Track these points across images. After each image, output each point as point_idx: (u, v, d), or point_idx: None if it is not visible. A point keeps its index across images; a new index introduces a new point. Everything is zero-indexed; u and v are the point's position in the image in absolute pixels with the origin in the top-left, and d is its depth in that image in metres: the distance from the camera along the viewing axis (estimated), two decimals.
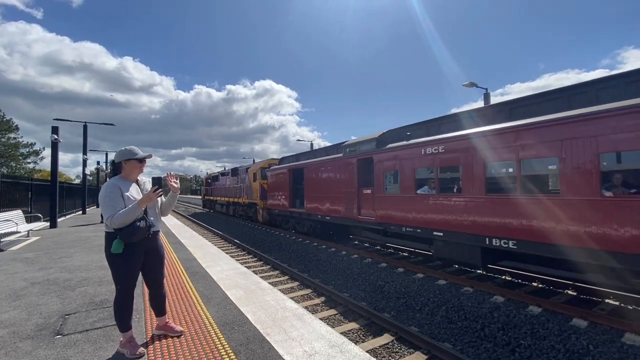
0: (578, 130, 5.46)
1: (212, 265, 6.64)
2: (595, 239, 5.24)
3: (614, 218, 5.05)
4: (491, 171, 6.81)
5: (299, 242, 13.85)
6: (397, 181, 9.19)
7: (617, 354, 4.56)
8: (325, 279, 9.27)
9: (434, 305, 6.78)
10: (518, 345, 5.18)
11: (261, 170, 19.59)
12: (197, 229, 19.97)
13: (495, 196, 6.68)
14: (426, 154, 8.15)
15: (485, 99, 13.42)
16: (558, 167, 5.76)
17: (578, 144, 5.45)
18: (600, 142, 5.19)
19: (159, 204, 3.28)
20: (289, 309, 4.24)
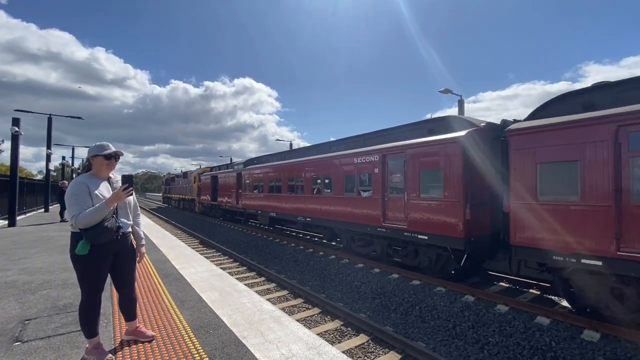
0: (329, 163, 11.56)
1: (186, 267, 6.45)
2: (349, 217, 10.43)
3: (357, 205, 10.08)
4: (290, 182, 14.07)
5: (276, 242, 13.75)
6: (248, 186, 18.44)
7: (577, 349, 4.86)
8: (303, 280, 9.25)
9: (408, 305, 6.93)
10: (487, 342, 5.40)
11: (198, 176, 28.59)
12: (170, 229, 19.34)
13: (292, 195, 13.85)
14: (261, 173, 16.73)
15: (459, 106, 13.94)
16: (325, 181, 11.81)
17: (342, 170, 10.86)
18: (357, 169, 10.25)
19: (132, 203, 3.13)
20: (266, 311, 4.19)
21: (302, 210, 12.84)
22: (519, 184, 6.15)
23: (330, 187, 11.33)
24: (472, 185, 7.10)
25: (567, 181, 5.57)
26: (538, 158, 5.90)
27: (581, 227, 5.32)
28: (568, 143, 5.55)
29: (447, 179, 7.34)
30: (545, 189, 5.82)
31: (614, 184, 5.01)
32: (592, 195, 5.23)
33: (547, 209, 5.75)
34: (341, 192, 10.68)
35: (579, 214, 5.37)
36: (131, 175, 2.83)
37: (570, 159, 5.52)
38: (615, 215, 4.97)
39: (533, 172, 5.94)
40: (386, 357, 4.92)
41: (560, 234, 5.55)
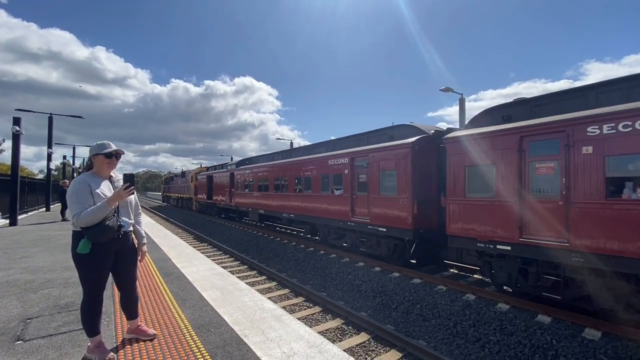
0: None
1: (187, 266, 6.46)
2: (325, 213, 11.56)
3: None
4: (276, 182, 15.25)
5: (277, 241, 13.76)
6: (240, 185, 19.76)
7: (578, 348, 4.86)
8: (303, 278, 9.26)
9: (409, 304, 6.94)
10: (488, 341, 5.40)
11: (195, 175, 29.73)
12: (171, 228, 19.37)
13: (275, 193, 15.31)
14: (251, 173, 17.97)
15: (460, 104, 13.90)
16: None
17: (320, 171, 12.11)
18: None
19: (133, 202, 3.13)
20: (267, 310, 4.19)
21: (286, 208, 14.06)
22: (453, 183, 7.28)
23: (309, 186, 12.52)
24: (420, 184, 8.32)
25: (487, 181, 6.71)
26: (466, 162, 7.04)
27: (496, 219, 6.51)
28: (487, 150, 6.70)
29: (399, 179, 8.61)
30: (472, 187, 6.98)
31: (517, 183, 6.15)
32: (503, 192, 6.41)
33: (472, 204, 6.93)
34: (319, 191, 11.96)
35: (494, 208, 6.56)
36: (132, 174, 2.83)
37: (489, 163, 6.68)
38: (518, 209, 6.14)
39: (463, 174, 7.11)
40: (387, 355, 4.92)
41: (482, 224, 6.75)
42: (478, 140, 6.88)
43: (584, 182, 5.38)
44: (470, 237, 6.93)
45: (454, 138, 7.35)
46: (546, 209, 5.82)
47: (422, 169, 8.37)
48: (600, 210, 5.15)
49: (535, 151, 6.07)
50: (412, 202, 8.19)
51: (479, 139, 6.87)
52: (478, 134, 6.92)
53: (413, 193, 8.23)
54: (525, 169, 6.17)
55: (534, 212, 5.99)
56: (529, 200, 6.06)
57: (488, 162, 6.69)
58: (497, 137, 6.56)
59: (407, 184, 8.36)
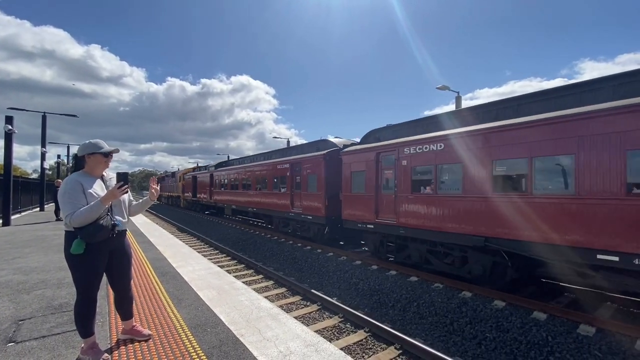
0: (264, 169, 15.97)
1: (183, 265, 6.42)
2: (275, 207, 14.44)
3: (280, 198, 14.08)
4: (243, 182, 18.25)
5: (274, 240, 13.73)
6: (217, 184, 22.59)
7: (573, 344, 4.90)
8: (301, 277, 9.24)
9: (406, 302, 6.95)
10: (484, 338, 5.43)
11: (182, 175, 32.69)
12: (167, 227, 19.27)
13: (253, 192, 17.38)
14: (226, 174, 20.85)
15: (457, 102, 13.93)
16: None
17: (272, 174, 15.09)
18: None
19: (126, 201, 3.09)
20: (264, 309, 4.17)
21: (251, 203, 17.16)
22: (345, 183, 10.56)
23: (265, 186, 15.60)
24: (330, 184, 11.27)
25: (361, 182, 9.87)
26: (352, 169, 10.29)
27: (365, 208, 9.67)
28: (361, 160, 9.89)
29: (317, 180, 11.74)
30: (354, 186, 10.22)
31: (376, 184, 9.37)
32: (369, 190, 9.61)
33: (354, 197, 10.18)
34: (271, 189, 14.98)
35: (364, 200, 9.75)
36: (126, 173, 2.79)
37: (362, 170, 9.87)
38: (375, 200, 9.37)
39: (350, 177, 10.38)
40: (384, 353, 4.93)
41: (359, 211, 9.95)
42: (357, 154, 10.09)
43: (403, 182, 8.50)
44: (354, 220, 10.17)
45: (346, 151, 10.54)
46: (387, 200, 9.00)
47: (331, 173, 11.32)
48: (410, 200, 8.28)
49: (384, 162, 9.20)
50: (325, 197, 11.29)
51: (358, 153, 10.08)
52: (358, 149, 10.14)
53: (325, 190, 11.30)
54: (380, 174, 9.31)
55: (382, 202, 9.20)
56: (380, 195, 9.28)
57: (362, 169, 9.84)
58: (366, 152, 9.72)
59: (321, 184, 11.50)
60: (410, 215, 8.20)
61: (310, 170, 12.07)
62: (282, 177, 13.98)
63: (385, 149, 9.05)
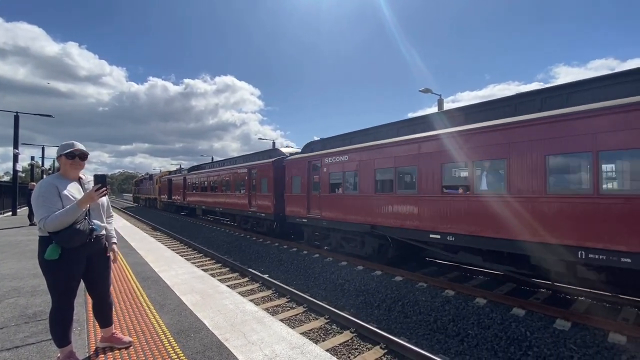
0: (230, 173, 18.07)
1: (166, 270, 6.28)
2: (237, 206, 16.82)
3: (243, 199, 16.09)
4: (212, 184, 20.51)
5: (259, 242, 13.62)
6: (190, 187, 24.53)
7: (550, 338, 5.08)
8: (287, 279, 9.20)
9: (391, 301, 7.03)
10: (466, 335, 5.55)
11: (159, 178, 34.26)
12: (149, 231, 18.79)
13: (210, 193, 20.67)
14: (197, 177, 22.96)
15: (439, 105, 14.24)
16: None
17: (234, 177, 17.47)
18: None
19: (105, 204, 2.99)
20: (249, 312, 4.14)
21: (218, 204, 19.15)
22: (288, 185, 12.65)
23: (229, 188, 17.75)
24: (277, 186, 13.34)
25: (299, 185, 12.06)
26: (292, 174, 12.46)
27: (301, 205, 11.84)
28: (298, 167, 12.15)
29: (268, 183, 13.87)
30: (294, 188, 12.34)
31: (307, 186, 11.56)
32: (303, 191, 11.78)
33: (294, 197, 12.28)
34: (234, 191, 17.12)
35: (300, 199, 11.92)
36: (104, 175, 2.71)
37: (299, 175, 12.09)
38: (307, 199, 11.52)
39: (291, 180, 12.52)
40: (370, 352, 4.96)
41: (297, 208, 12.10)
42: (296, 161, 12.39)
43: (325, 185, 10.77)
44: (294, 215, 12.34)
45: (288, 159, 12.88)
46: (315, 199, 11.22)
47: (278, 177, 13.35)
48: (329, 199, 10.59)
49: (313, 169, 11.44)
50: (274, 197, 13.32)
51: (296, 160, 12.34)
52: (296, 158, 12.47)
53: (274, 192, 13.37)
54: (310, 178, 11.56)
55: (312, 201, 11.40)
56: (311, 195, 11.45)
57: (299, 174, 12.10)
58: (301, 160, 12.04)
59: (270, 186, 13.60)
60: (329, 211, 10.54)
61: (262, 175, 14.36)
62: (242, 180, 16.20)
63: (313, 158, 11.44)
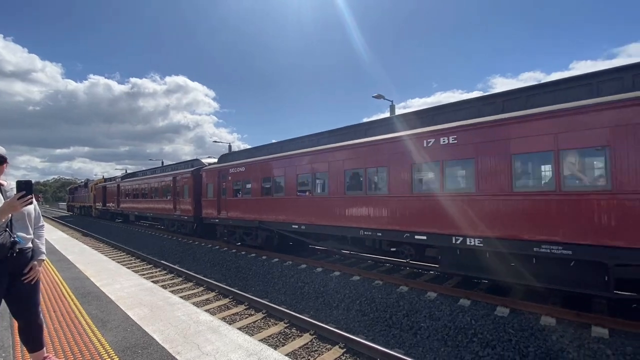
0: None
1: (109, 283, 5.78)
2: (165, 211, 18.81)
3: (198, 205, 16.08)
4: (142, 191, 21.80)
5: (215, 250, 13.11)
6: (123, 194, 25.52)
7: (491, 324, 5.54)
8: (245, 286, 8.97)
9: (349, 301, 7.18)
10: (419, 328, 5.86)
11: (94, 186, 34.31)
12: (90, 242, 17.16)
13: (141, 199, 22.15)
14: (129, 185, 24.21)
15: (391, 110, 14.92)
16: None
17: (161, 185, 19.40)
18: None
19: (32, 214, 2.66)
20: (203, 323, 3.96)
21: (148, 209, 20.78)
22: (204, 191, 14.71)
23: (157, 195, 19.46)
24: (196, 192, 15.33)
25: (212, 191, 14.12)
26: (207, 181, 14.57)
27: (214, 208, 13.92)
28: (211, 176, 14.23)
29: (189, 190, 15.84)
30: (209, 194, 14.41)
31: (218, 191, 13.74)
32: (215, 195, 13.82)
33: (208, 201, 14.38)
34: (162, 197, 18.78)
35: (213, 202, 13.98)
36: (29, 181, 2.41)
37: (212, 182, 14.21)
38: (218, 202, 13.67)
39: (206, 187, 14.68)
40: (329, 353, 5.02)
41: (211, 210, 14.18)
42: (210, 171, 14.48)
43: (230, 190, 13.12)
44: (208, 217, 14.37)
45: (204, 169, 15.00)
46: (224, 202, 13.34)
47: (197, 184, 15.35)
48: (233, 202, 12.89)
49: (222, 177, 13.56)
50: (193, 202, 15.38)
51: (210, 170, 14.46)
52: (210, 168, 14.59)
53: (193, 197, 15.41)
54: (220, 185, 13.67)
55: (221, 204, 13.48)
56: (221, 199, 13.56)
57: (212, 182, 14.15)
58: (214, 170, 14.13)
59: (190, 192, 15.62)
60: (233, 211, 12.87)
61: (184, 183, 16.40)
62: (168, 187, 17.99)
63: (222, 169, 13.61)
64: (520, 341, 5.11)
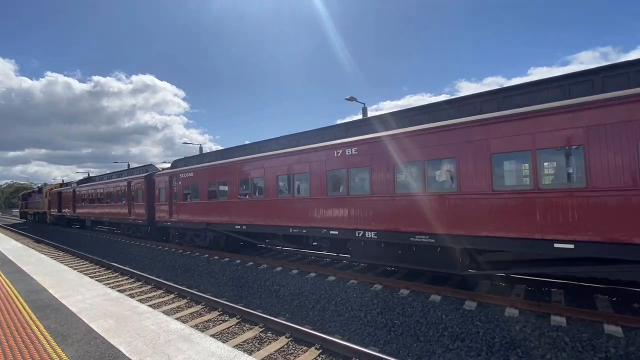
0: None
1: (70, 295, 5.43)
2: (120, 215, 19.25)
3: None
4: (98, 197, 22.26)
5: (187, 255, 12.69)
6: (79, 199, 25.14)
7: (460, 318, 5.78)
8: (218, 292, 8.76)
9: (325, 302, 7.21)
10: (393, 325, 5.99)
11: (49, 191, 33.08)
12: (48, 251, 16.03)
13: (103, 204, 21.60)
14: (84, 190, 24.28)
15: (363, 112, 15.19)
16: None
17: (114, 190, 19.87)
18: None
19: None
20: (174, 331, 3.83)
21: (105, 214, 21.01)
22: (157, 196, 15.36)
23: (112, 199, 19.84)
24: (149, 197, 15.86)
25: (164, 195, 14.85)
26: (159, 186, 15.27)
27: (166, 211, 14.60)
28: (164, 181, 14.96)
29: (142, 194, 16.45)
30: (161, 198, 15.06)
31: (169, 196, 14.48)
32: (167, 200, 14.54)
33: (161, 205, 15.02)
34: (117, 202, 19.12)
35: (165, 206, 14.66)
36: None
37: (164, 187, 14.85)
38: (169, 206, 14.42)
39: (158, 191, 15.34)
40: (306, 355, 5.01)
41: (163, 214, 14.87)
42: (162, 176, 15.19)
43: (180, 195, 13.94)
44: (161, 220, 14.97)
45: (157, 174, 15.68)
46: (175, 206, 14.12)
47: (150, 189, 15.88)
48: (183, 205, 13.72)
49: (174, 182, 14.24)
50: (147, 206, 15.95)
51: (162, 175, 15.21)
52: (162, 173, 15.35)
53: (147, 201, 15.98)
54: (172, 190, 14.36)
55: (173, 207, 14.19)
56: (172, 203, 14.20)
57: (164, 187, 14.82)
58: (166, 175, 14.87)
59: (144, 197, 16.20)
60: (184, 215, 13.66)
61: (138, 187, 16.87)
62: (123, 192, 18.34)
63: (173, 174, 14.38)
64: (487, 332, 5.36)
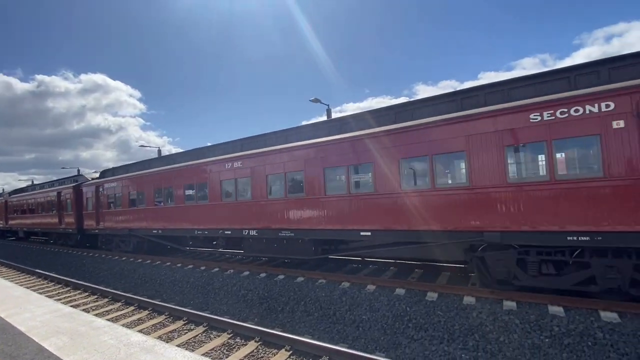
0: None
1: (17, 313, 4.98)
2: (52, 225, 19.58)
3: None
4: (30, 207, 22.38)
5: (147, 264, 12.06)
6: (13, 210, 24.82)
7: (423, 309, 6.09)
8: (183, 300, 8.45)
9: (294, 303, 7.24)
10: (361, 321, 6.17)
11: None
12: None
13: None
14: (17, 201, 24.08)
15: (327, 114, 15.45)
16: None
17: (46, 200, 20.16)
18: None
19: None
20: (136, 344, 3.66)
21: (36, 224, 21.20)
22: (85, 205, 16.26)
23: (44, 209, 20.14)
24: (79, 206, 16.47)
25: (91, 204, 15.92)
26: (87, 196, 16.08)
27: (93, 219, 15.58)
28: (91, 190, 15.95)
29: (72, 204, 16.85)
30: (89, 207, 16.03)
31: (96, 204, 15.52)
32: (94, 208, 15.69)
33: (89, 214, 15.88)
34: (48, 211, 19.53)
35: (92, 215, 15.67)
36: None
37: (91, 196, 15.75)
38: (96, 214, 15.52)
39: (86, 200, 16.13)
40: (276, 357, 5.01)
41: (91, 222, 15.76)
42: (89, 186, 15.98)
43: (106, 203, 14.90)
44: (89, 228, 15.87)
45: (84, 184, 16.47)
46: (100, 214, 15.04)
47: (79, 198, 16.52)
48: (108, 213, 14.73)
49: (100, 191, 15.15)
50: (76, 215, 16.48)
51: (89, 185, 16.02)
52: (89, 183, 16.24)
53: (76, 210, 16.55)
54: (98, 199, 15.14)
55: (99, 215, 15.08)
56: (98, 211, 15.04)
57: (91, 196, 15.71)
58: (92, 185, 15.68)
59: (73, 206, 16.66)
60: (109, 222, 14.61)
61: (67, 197, 17.41)
62: (54, 202, 18.73)
63: (99, 184, 15.27)
64: (447, 321, 5.71)
